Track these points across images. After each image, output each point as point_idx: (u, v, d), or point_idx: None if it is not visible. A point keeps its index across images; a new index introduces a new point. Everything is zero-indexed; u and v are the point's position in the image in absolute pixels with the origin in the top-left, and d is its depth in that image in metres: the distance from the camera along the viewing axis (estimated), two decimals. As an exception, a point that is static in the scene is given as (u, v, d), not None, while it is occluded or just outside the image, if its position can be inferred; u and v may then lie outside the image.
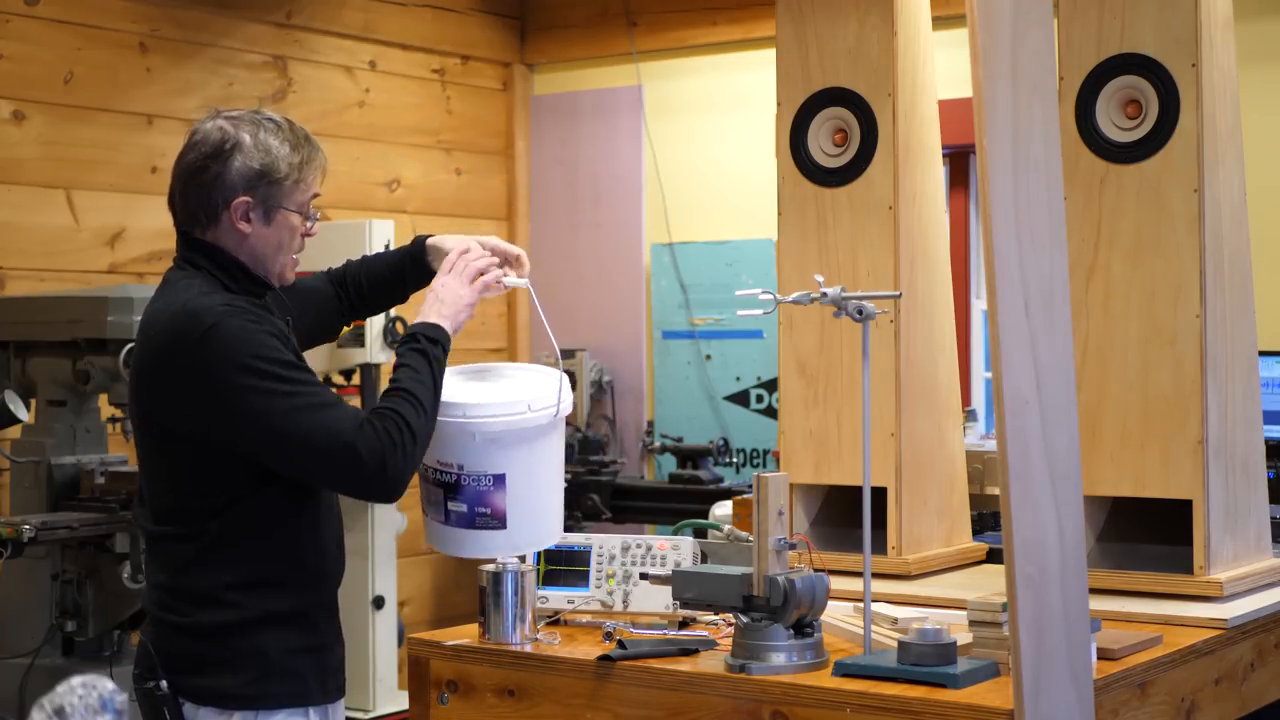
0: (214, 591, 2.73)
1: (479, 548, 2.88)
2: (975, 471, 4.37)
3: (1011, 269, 2.60)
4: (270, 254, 2.80)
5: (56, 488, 4.75)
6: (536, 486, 2.89)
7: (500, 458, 2.82)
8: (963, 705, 2.62)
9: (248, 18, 6.11)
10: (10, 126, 5.38)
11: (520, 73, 7.18)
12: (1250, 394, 3.58)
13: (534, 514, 2.89)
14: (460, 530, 2.86)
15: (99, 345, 4.70)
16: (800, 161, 3.79)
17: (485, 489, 2.83)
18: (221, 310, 2.68)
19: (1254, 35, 5.38)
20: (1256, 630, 3.33)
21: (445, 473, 2.85)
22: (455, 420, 2.82)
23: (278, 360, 2.66)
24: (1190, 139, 3.39)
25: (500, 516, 2.85)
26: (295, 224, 2.80)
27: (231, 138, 2.75)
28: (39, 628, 4.63)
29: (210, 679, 2.72)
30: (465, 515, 2.84)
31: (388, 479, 2.66)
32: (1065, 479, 2.67)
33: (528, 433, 2.86)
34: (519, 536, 2.89)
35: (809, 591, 2.85)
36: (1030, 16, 2.68)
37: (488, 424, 2.82)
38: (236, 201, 2.75)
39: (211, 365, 2.65)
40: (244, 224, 2.76)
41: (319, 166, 2.82)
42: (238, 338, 2.65)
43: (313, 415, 2.64)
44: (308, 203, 2.81)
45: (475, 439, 2.82)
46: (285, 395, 2.64)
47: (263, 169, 2.75)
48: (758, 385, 6.61)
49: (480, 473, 2.83)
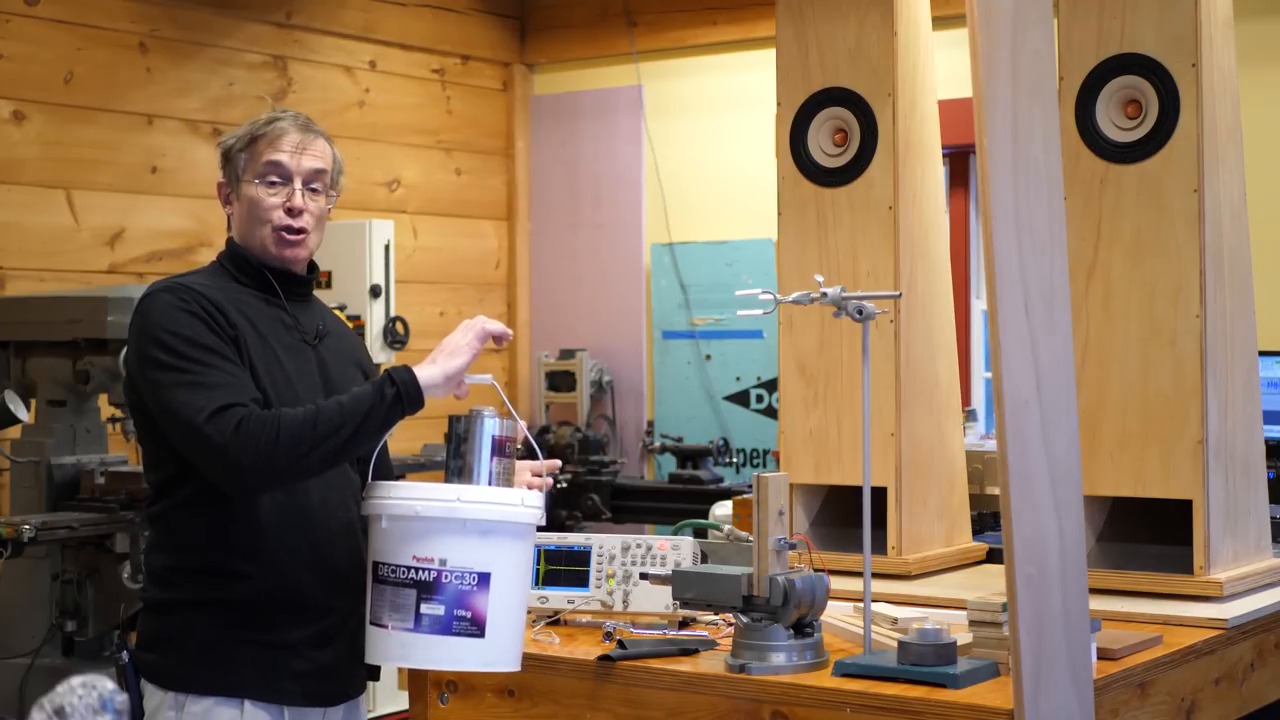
0: (160, 571, 2.80)
1: (454, 657, 2.62)
2: (975, 471, 4.37)
3: (1011, 269, 2.60)
4: (247, 229, 2.88)
5: (56, 488, 4.74)
6: (516, 596, 2.66)
7: (488, 554, 2.60)
8: (963, 705, 2.62)
9: (248, 18, 6.11)
10: (10, 126, 5.38)
11: (520, 73, 7.18)
12: (1250, 394, 3.58)
13: (510, 626, 2.65)
14: (432, 637, 2.59)
15: (99, 345, 4.69)
16: (800, 161, 3.79)
17: (468, 589, 2.59)
18: (163, 286, 2.80)
19: (1254, 35, 5.38)
20: (1256, 630, 3.33)
21: (423, 569, 2.59)
22: (445, 504, 2.59)
23: (183, 337, 2.71)
24: (1190, 139, 3.39)
25: (480, 623, 2.60)
26: (255, 194, 2.86)
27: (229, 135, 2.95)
28: (39, 628, 4.63)
29: (152, 655, 2.78)
30: (441, 619, 2.58)
31: (228, 464, 2.63)
32: (1065, 479, 2.67)
33: (519, 530, 2.65)
34: (495, 649, 2.62)
35: (809, 591, 2.85)
36: (1030, 16, 2.68)
37: (482, 512, 2.61)
38: (219, 184, 2.95)
39: (136, 335, 2.78)
40: (228, 207, 2.93)
41: (276, 134, 2.87)
42: (158, 311, 2.75)
43: (187, 392, 2.67)
44: (267, 172, 2.86)
45: (465, 528, 2.59)
46: (175, 370, 2.69)
47: (224, 150, 2.92)
48: (758, 385, 6.61)
49: (465, 569, 2.59)
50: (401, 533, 2.61)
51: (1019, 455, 2.58)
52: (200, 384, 2.67)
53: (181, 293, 2.76)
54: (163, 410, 2.71)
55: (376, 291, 5.78)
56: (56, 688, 1.69)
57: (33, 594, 4.67)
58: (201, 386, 2.67)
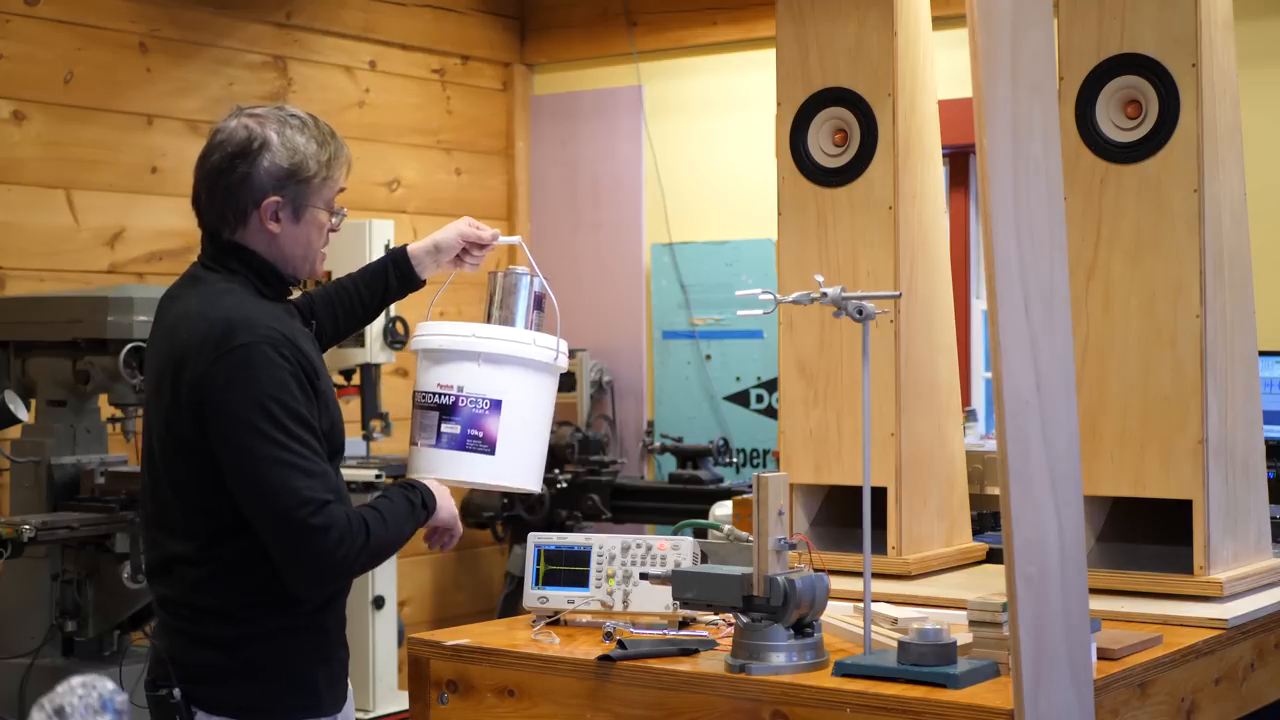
0: (230, 609, 2.72)
1: (464, 470, 2.94)
2: (975, 471, 4.37)
3: (1011, 269, 2.60)
4: (300, 253, 2.78)
5: (56, 488, 4.74)
6: (527, 424, 2.97)
7: (499, 383, 2.93)
8: (963, 705, 2.63)
9: (248, 18, 6.11)
10: (10, 126, 5.38)
11: (520, 73, 7.19)
12: (1250, 394, 3.58)
13: (521, 449, 2.96)
14: (449, 452, 2.93)
15: (99, 345, 4.69)
16: (800, 161, 3.79)
17: (480, 412, 2.93)
18: (262, 332, 2.65)
19: (1254, 35, 5.38)
20: (1256, 630, 3.33)
21: (444, 395, 2.94)
22: (463, 338, 2.94)
23: (289, 410, 2.63)
24: (1190, 139, 3.39)
25: (490, 442, 2.93)
26: (323, 221, 2.79)
27: (258, 136, 2.72)
28: (39, 628, 4.63)
29: (228, 689, 2.71)
30: (457, 437, 2.92)
31: (335, 560, 2.63)
32: (1065, 479, 2.67)
33: (528, 365, 2.97)
34: (505, 466, 2.95)
35: (809, 591, 2.85)
36: (1030, 16, 2.68)
37: (493, 346, 2.95)
38: (267, 202, 2.73)
39: (230, 385, 2.63)
40: (273, 224, 2.74)
41: (345, 161, 2.81)
42: (263, 369, 2.63)
43: (287, 474, 2.62)
44: (334, 198, 2.80)
45: (479, 361, 2.93)
46: (276, 445, 2.62)
47: (292, 168, 2.72)
48: (758, 385, 6.61)
49: (479, 395, 2.93)
50: (430, 364, 2.97)
51: (1019, 455, 2.58)
52: (301, 469, 2.62)
53: (282, 347, 2.65)
54: (254, 482, 2.63)
55: (376, 291, 5.78)
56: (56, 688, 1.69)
57: (33, 594, 4.67)
58: (302, 472, 2.62)
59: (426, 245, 3.16)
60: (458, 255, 3.17)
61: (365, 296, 3.15)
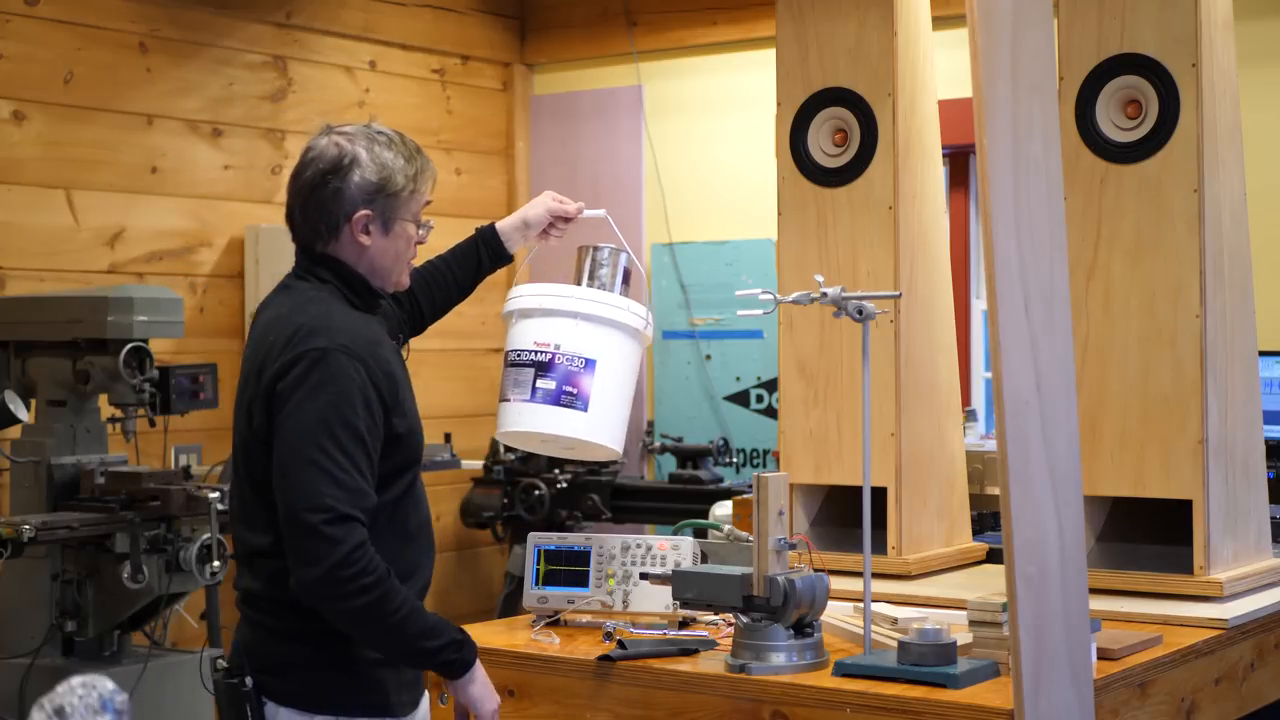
0: (298, 602, 2.73)
1: (557, 424, 3.05)
2: (975, 471, 4.37)
3: (1011, 269, 2.60)
4: (389, 264, 2.86)
5: (56, 488, 4.74)
6: (618, 384, 3.09)
7: (595, 343, 3.05)
8: (963, 705, 2.63)
9: (248, 18, 6.11)
10: (10, 126, 5.38)
11: (520, 73, 7.18)
12: (1250, 394, 3.58)
13: (611, 408, 3.07)
14: (544, 406, 3.03)
15: (99, 345, 4.69)
16: (800, 161, 3.79)
17: (576, 370, 3.05)
18: (340, 339, 2.71)
19: (1254, 35, 5.38)
20: (1256, 630, 3.33)
21: (541, 351, 3.06)
22: (561, 298, 3.07)
23: (344, 419, 2.67)
24: (1190, 139, 3.39)
25: (585, 399, 3.04)
26: (411, 233, 2.88)
27: (348, 153, 2.81)
28: (39, 628, 4.63)
29: (297, 682, 2.75)
30: (552, 393, 3.03)
31: (335, 577, 2.63)
32: (1065, 479, 2.67)
33: (622, 329, 3.09)
34: (596, 422, 3.05)
35: (809, 591, 2.85)
36: (1030, 16, 2.68)
37: (591, 308, 3.08)
38: (358, 215, 2.81)
39: (299, 385, 2.69)
40: (364, 236, 2.82)
41: (430, 176, 2.91)
42: (331, 376, 2.69)
43: (320, 478, 2.65)
44: (420, 211, 2.90)
45: (577, 320, 3.06)
46: (319, 449, 2.66)
47: (381, 182, 2.81)
48: (758, 385, 6.61)
49: (575, 353, 3.05)
50: (527, 322, 3.07)
51: (1019, 455, 2.58)
52: (334, 477, 2.64)
53: (357, 357, 2.71)
54: (286, 477, 2.67)
55: (376, 291, 5.78)
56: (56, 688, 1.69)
57: (33, 594, 4.67)
58: (333, 480, 2.64)
59: (515, 221, 3.32)
60: (544, 229, 3.33)
61: (458, 275, 3.28)
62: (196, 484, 4.71)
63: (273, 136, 6.19)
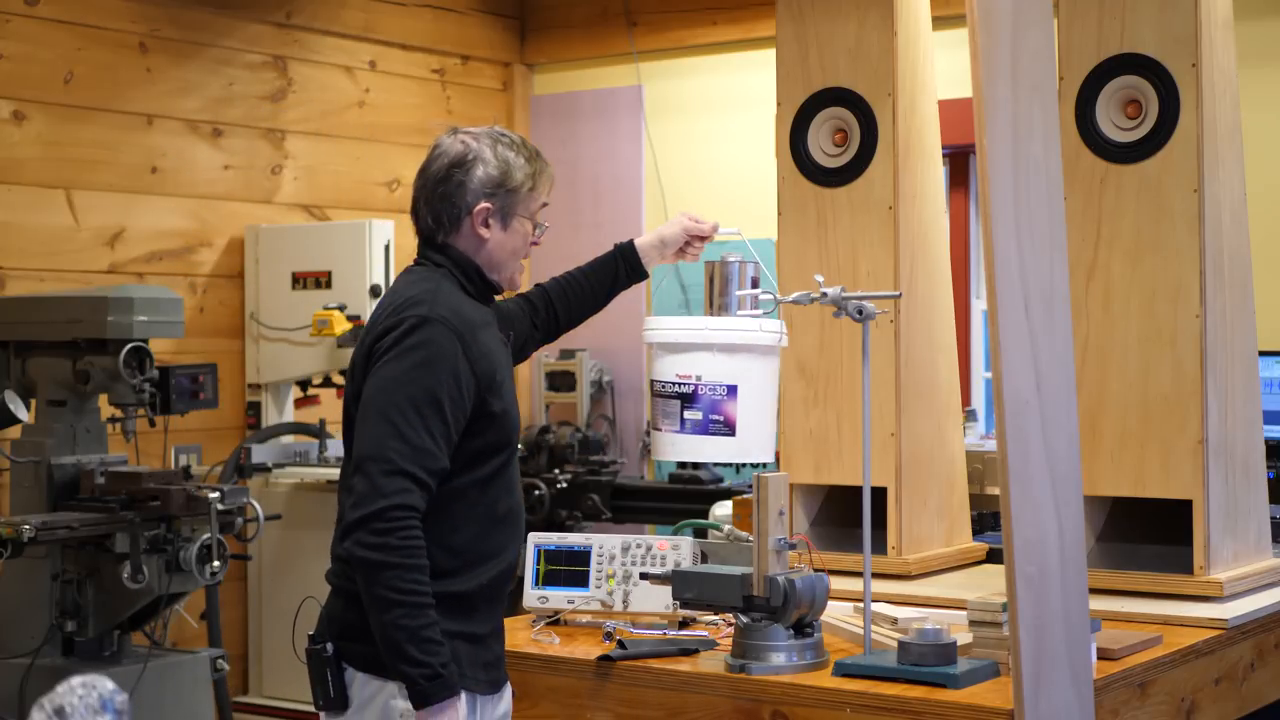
0: None
1: (709, 452, 3.16)
2: (975, 471, 4.37)
3: (1011, 269, 2.60)
4: (505, 259, 2.97)
5: (56, 488, 4.74)
6: (760, 401, 3.17)
7: (734, 370, 3.13)
8: (963, 705, 2.63)
9: (248, 18, 6.11)
10: (10, 126, 5.38)
11: (520, 73, 7.18)
12: (1250, 394, 3.58)
13: (756, 425, 3.15)
14: (695, 437, 3.13)
15: (99, 345, 4.69)
16: (800, 161, 3.79)
17: (719, 398, 3.12)
18: (441, 312, 2.82)
19: (1254, 35, 5.38)
20: (1256, 630, 3.33)
21: (684, 384, 3.15)
22: (698, 331, 3.16)
23: (425, 387, 2.76)
24: (1190, 139, 3.39)
25: (731, 424, 3.12)
26: (528, 231, 2.99)
27: (473, 150, 2.94)
28: (39, 628, 4.63)
29: (372, 646, 2.78)
30: (700, 423, 3.13)
31: (362, 518, 2.70)
32: (1065, 479, 2.67)
33: (757, 350, 3.17)
34: (746, 443, 3.15)
35: (809, 591, 2.85)
36: (1030, 16, 2.68)
37: (726, 337, 3.16)
38: (479, 208, 2.93)
39: (391, 348, 2.80)
40: (484, 229, 2.94)
41: (549, 179, 3.02)
42: (423, 343, 2.79)
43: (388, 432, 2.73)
44: (538, 212, 3.00)
45: (714, 351, 3.14)
46: (396, 407, 2.74)
47: (502, 177, 2.94)
48: (758, 385, 6.60)
49: (716, 382, 3.13)
50: (667, 355, 3.18)
51: (1019, 455, 2.58)
52: (402, 435, 2.73)
53: (464, 339, 2.81)
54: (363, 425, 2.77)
55: (376, 291, 5.79)
56: (56, 688, 1.69)
57: (33, 594, 4.67)
58: (400, 437, 2.73)
59: (652, 239, 3.41)
60: (680, 248, 3.44)
61: (595, 288, 3.39)
62: (196, 484, 4.71)
63: (273, 136, 6.19)
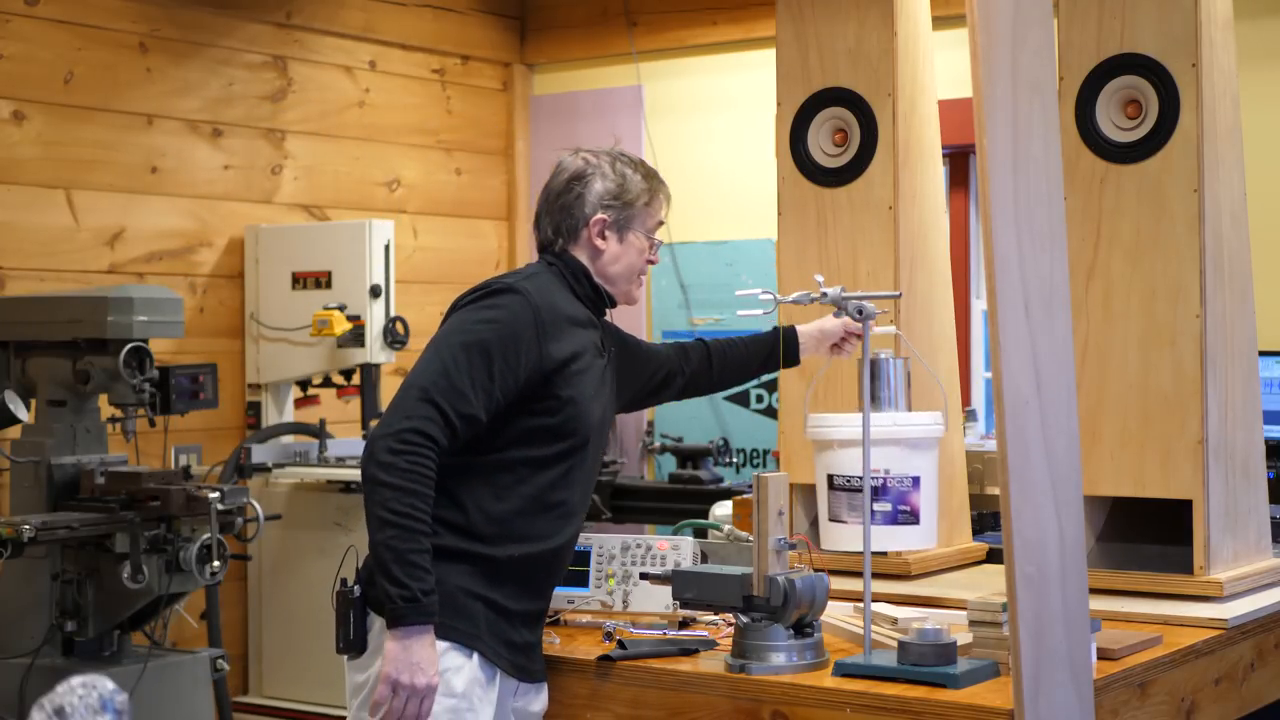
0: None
1: (898, 542, 3.22)
2: (975, 471, 4.37)
3: (1011, 269, 2.60)
4: (620, 272, 3.09)
5: (56, 488, 4.74)
6: (935, 491, 3.23)
7: (917, 462, 3.19)
8: (963, 705, 2.63)
9: (248, 18, 6.11)
10: (10, 126, 5.38)
11: (520, 73, 7.18)
12: (1250, 394, 3.58)
13: (933, 514, 3.21)
14: (884, 527, 3.17)
15: (99, 345, 4.69)
16: (800, 161, 3.79)
17: (905, 489, 3.17)
18: (529, 287, 2.95)
19: (1254, 35, 5.38)
20: (1256, 630, 3.33)
21: (874, 477, 3.16)
22: (886, 428, 3.16)
23: (483, 343, 2.87)
24: (1190, 139, 3.39)
25: (916, 514, 3.18)
26: (643, 246, 3.10)
27: (592, 165, 3.10)
28: (39, 628, 4.63)
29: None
30: (889, 513, 3.17)
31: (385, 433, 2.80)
32: (1065, 479, 2.67)
33: (932, 442, 3.23)
34: (927, 530, 3.20)
35: (809, 591, 2.85)
36: (1030, 16, 2.68)
37: (912, 432, 3.20)
38: (595, 219, 3.06)
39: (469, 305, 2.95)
40: (600, 240, 3.07)
41: (665, 198, 3.14)
42: (500, 308, 2.91)
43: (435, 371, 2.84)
44: (654, 229, 3.12)
45: (900, 444, 3.19)
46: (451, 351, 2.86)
47: (619, 191, 3.08)
48: (758, 385, 6.61)
49: (903, 475, 3.18)
50: (853, 452, 3.15)
51: (1019, 455, 2.58)
52: (448, 375, 2.84)
53: (540, 315, 2.91)
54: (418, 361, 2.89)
55: (376, 291, 5.78)
56: (56, 688, 1.69)
57: (33, 594, 4.67)
58: (444, 376, 2.84)
59: (813, 330, 3.46)
60: (837, 342, 3.45)
61: (749, 359, 3.48)
62: (196, 484, 4.71)
63: (273, 136, 6.19)
